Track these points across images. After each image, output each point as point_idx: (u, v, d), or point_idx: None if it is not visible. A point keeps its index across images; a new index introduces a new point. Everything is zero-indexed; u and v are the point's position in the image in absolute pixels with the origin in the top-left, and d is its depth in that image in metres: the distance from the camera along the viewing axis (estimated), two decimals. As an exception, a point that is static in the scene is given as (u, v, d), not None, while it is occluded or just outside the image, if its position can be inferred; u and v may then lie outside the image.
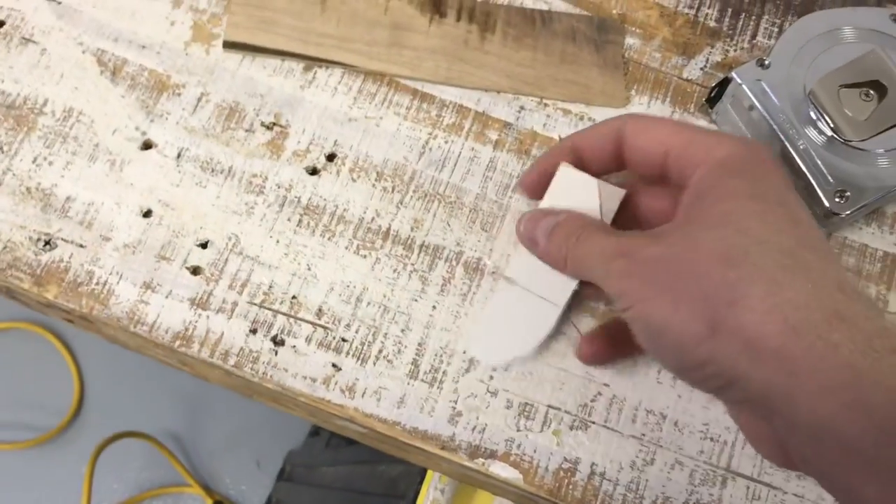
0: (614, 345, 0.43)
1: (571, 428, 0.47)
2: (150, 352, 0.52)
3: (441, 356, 0.47)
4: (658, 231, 0.33)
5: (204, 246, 0.49)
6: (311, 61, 0.52)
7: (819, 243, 0.30)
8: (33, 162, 0.50)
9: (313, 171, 0.50)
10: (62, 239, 0.48)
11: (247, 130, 0.51)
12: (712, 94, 0.51)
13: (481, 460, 0.46)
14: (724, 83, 0.50)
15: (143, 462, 1.36)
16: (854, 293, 0.28)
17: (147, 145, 0.50)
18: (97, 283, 0.47)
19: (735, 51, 0.55)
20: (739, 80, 0.48)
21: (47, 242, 0.48)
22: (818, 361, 0.26)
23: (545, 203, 0.43)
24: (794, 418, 0.27)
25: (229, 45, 0.52)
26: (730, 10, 0.56)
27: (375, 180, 0.51)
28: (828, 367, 0.26)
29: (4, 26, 0.52)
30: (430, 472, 0.61)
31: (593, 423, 0.47)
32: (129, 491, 1.35)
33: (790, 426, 0.28)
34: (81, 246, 0.48)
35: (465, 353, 0.47)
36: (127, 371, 1.41)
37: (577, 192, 0.41)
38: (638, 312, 0.31)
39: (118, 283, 0.48)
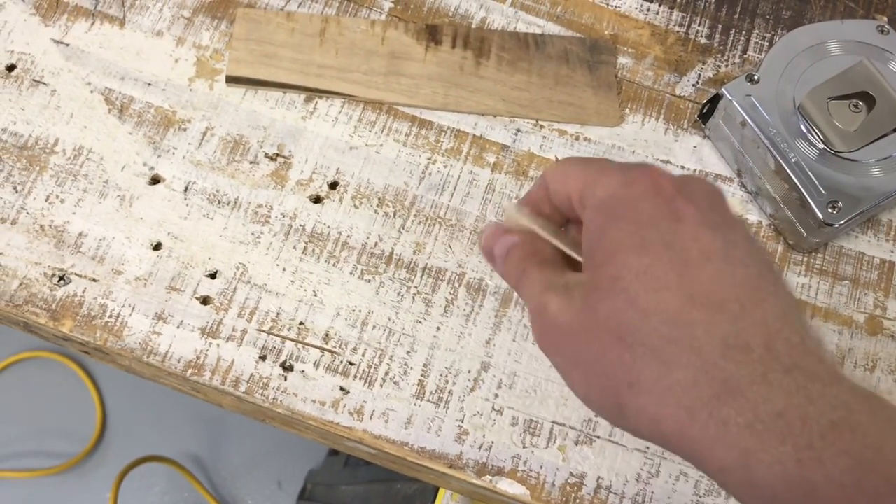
0: None
1: (577, 443, 0.48)
2: (164, 380, 0.53)
3: (446, 376, 0.48)
4: (571, 286, 0.31)
5: (213, 276, 0.50)
6: (312, 92, 0.54)
7: (708, 285, 0.27)
8: (46, 200, 0.51)
9: (317, 200, 0.52)
10: (76, 274, 0.50)
11: (251, 162, 0.52)
12: (704, 111, 0.52)
13: (489, 478, 0.47)
14: (715, 99, 0.51)
15: (166, 486, 1.37)
16: (741, 349, 0.26)
17: (155, 180, 0.52)
18: (110, 316, 0.49)
19: (726, 66, 0.56)
20: (729, 96, 0.49)
21: (61, 278, 0.50)
22: (712, 443, 0.26)
23: None
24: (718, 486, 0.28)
25: (232, 80, 0.54)
26: (720, 26, 0.57)
27: (377, 206, 0.52)
28: (720, 447, 0.26)
29: (15, 70, 0.54)
30: (441, 489, 0.62)
31: (598, 437, 0.48)
32: (152, 515, 1.36)
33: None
34: (94, 280, 0.50)
35: (469, 371, 0.48)
36: (148, 396, 1.43)
37: None
38: (562, 375, 0.31)
39: (131, 314, 0.49)
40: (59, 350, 1.44)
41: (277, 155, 0.53)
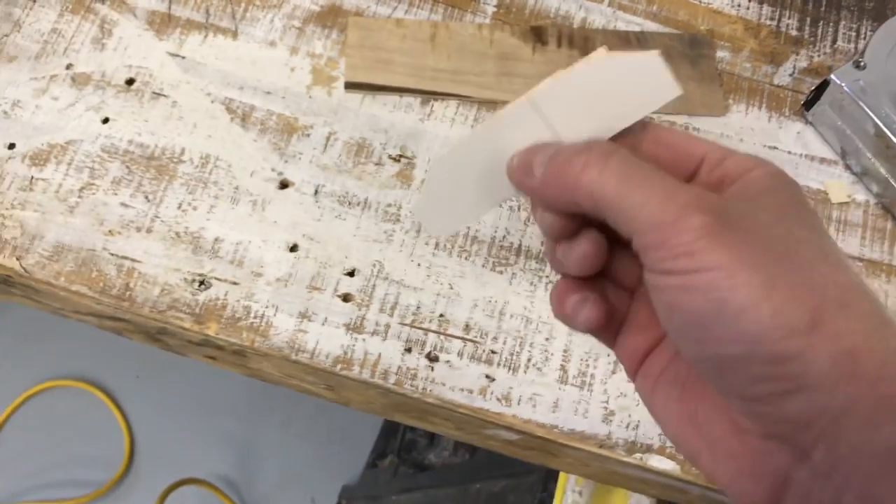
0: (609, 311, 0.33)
1: (715, 418, 0.49)
2: (294, 381, 0.54)
3: (587, 360, 0.50)
4: (740, 202, 0.28)
5: (351, 274, 0.51)
6: (428, 95, 0.56)
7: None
8: (178, 208, 0.52)
9: (443, 197, 0.53)
10: (216, 278, 0.51)
11: (376, 164, 0.54)
12: (810, 98, 0.55)
13: (639, 455, 0.48)
14: (823, 86, 0.53)
15: (201, 508, 1.37)
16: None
17: (284, 184, 0.53)
18: (255, 317, 0.50)
19: (819, 56, 0.59)
20: (839, 82, 0.52)
21: (202, 282, 0.51)
22: None
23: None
24: (863, 444, 0.24)
25: (351, 86, 0.55)
26: (808, 18, 0.60)
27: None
28: None
29: (135, 83, 0.55)
30: (562, 477, 0.63)
31: (735, 412, 0.50)
32: (190, 537, 1.35)
33: (849, 454, 0.24)
34: (235, 283, 0.51)
35: (609, 354, 0.50)
36: (174, 420, 1.42)
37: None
38: (712, 281, 0.25)
39: (275, 315, 0.50)
40: (81, 377, 1.44)
41: (400, 156, 0.54)
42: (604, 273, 0.33)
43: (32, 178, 0.52)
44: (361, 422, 1.36)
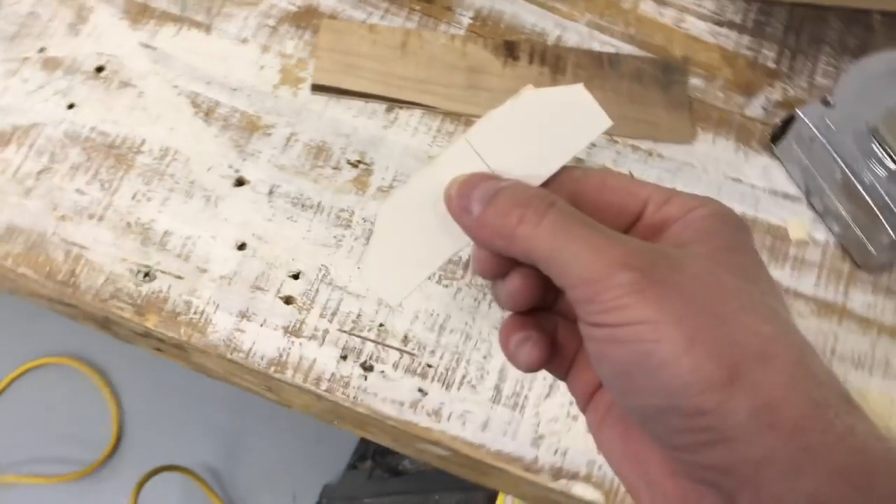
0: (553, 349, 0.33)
1: (649, 451, 0.48)
2: (236, 378, 0.54)
3: (522, 381, 0.50)
4: (670, 252, 0.28)
5: (296, 277, 0.51)
6: (393, 103, 0.55)
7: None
8: (132, 198, 0.52)
9: (397, 206, 0.53)
10: (161, 271, 0.51)
11: (334, 168, 0.54)
12: (776, 132, 0.54)
13: (564, 481, 0.48)
14: (789, 121, 0.52)
15: (182, 495, 1.37)
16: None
17: (240, 182, 0.53)
18: (195, 313, 0.50)
19: (794, 90, 0.57)
20: (805, 118, 0.51)
21: (147, 274, 0.51)
22: (836, 441, 0.24)
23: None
24: (785, 494, 0.24)
25: (317, 88, 0.55)
26: (788, 51, 0.59)
27: (456, 214, 0.53)
28: (844, 448, 0.24)
29: (104, 71, 0.56)
30: (500, 495, 0.63)
31: (670, 446, 0.49)
32: (167, 524, 1.36)
33: (772, 502, 0.25)
34: (179, 277, 0.51)
35: (545, 378, 0.50)
36: (165, 405, 1.43)
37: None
38: (637, 334, 0.26)
39: (215, 312, 0.50)
40: (74, 355, 1.45)
41: (359, 162, 0.54)
42: (555, 308, 0.33)
43: (-8, 158, 0.53)
44: (347, 422, 1.35)
